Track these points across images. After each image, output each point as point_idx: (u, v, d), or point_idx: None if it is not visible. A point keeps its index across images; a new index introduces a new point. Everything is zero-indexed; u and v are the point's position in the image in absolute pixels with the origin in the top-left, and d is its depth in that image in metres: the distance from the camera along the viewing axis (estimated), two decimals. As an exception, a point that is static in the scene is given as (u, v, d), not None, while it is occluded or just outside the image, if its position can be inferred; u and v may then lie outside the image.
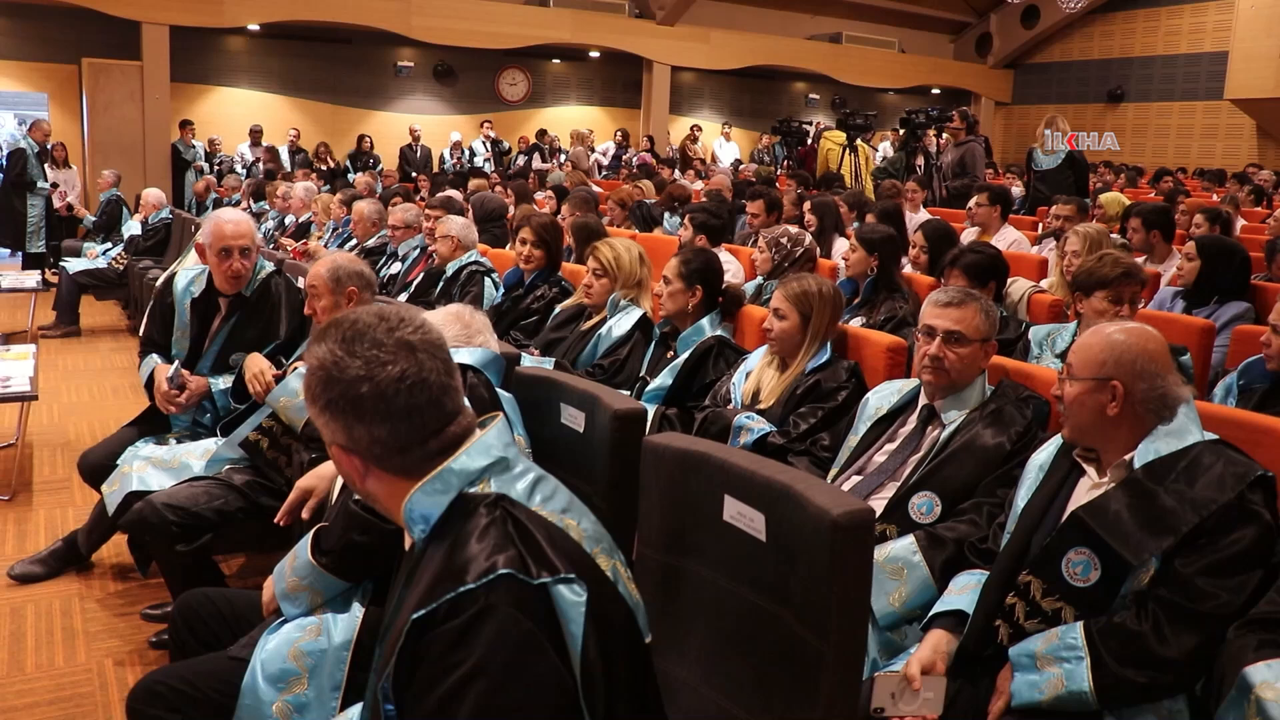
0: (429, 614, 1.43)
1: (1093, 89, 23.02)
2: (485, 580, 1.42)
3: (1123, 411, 2.31)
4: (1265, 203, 11.11)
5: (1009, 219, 7.44)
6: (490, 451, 1.60)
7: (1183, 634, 2.11)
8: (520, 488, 1.59)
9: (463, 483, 1.56)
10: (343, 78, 18.36)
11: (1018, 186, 13.02)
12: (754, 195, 7.34)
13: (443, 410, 1.57)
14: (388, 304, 1.64)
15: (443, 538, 1.54)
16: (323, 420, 1.57)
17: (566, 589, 1.47)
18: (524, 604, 1.43)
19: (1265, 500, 2.18)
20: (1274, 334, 3.36)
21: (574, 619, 1.46)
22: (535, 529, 1.51)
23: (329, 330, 1.57)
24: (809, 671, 1.79)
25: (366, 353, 1.52)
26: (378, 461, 1.57)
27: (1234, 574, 2.13)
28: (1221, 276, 4.90)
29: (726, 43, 20.00)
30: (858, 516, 1.72)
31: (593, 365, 4.22)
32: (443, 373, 1.57)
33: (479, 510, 1.53)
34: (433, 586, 1.46)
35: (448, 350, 1.61)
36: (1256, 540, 2.14)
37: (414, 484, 1.56)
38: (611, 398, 2.58)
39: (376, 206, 7.55)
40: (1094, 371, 2.33)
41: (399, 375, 1.52)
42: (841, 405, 3.32)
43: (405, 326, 1.57)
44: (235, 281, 4.01)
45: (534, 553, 1.48)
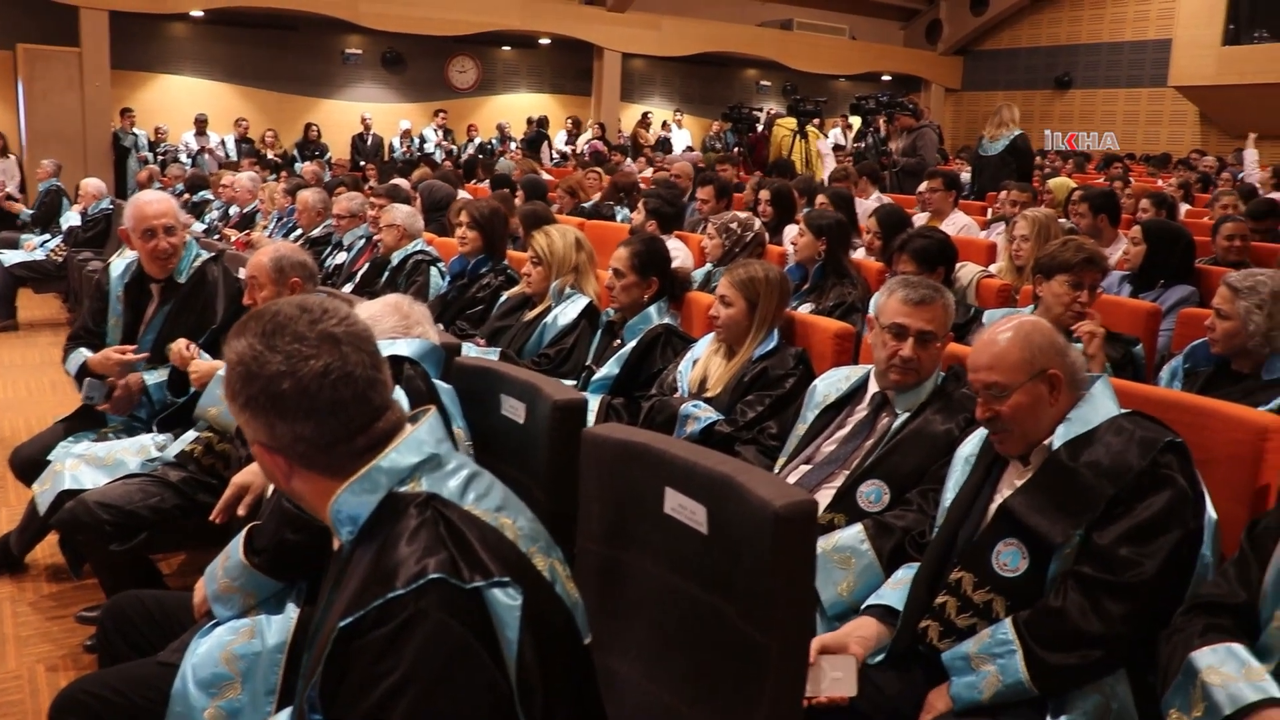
0: (356, 621, 1.37)
1: (1041, 75, 23.21)
2: (415, 585, 1.37)
3: (1060, 395, 2.32)
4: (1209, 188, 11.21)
5: (959, 204, 7.46)
6: (421, 448, 1.54)
7: (1107, 607, 2.11)
8: (453, 486, 1.53)
9: (392, 481, 1.50)
10: (289, 65, 18.13)
11: (967, 172, 13.09)
12: (705, 181, 7.30)
13: (370, 405, 1.51)
14: (312, 295, 1.57)
15: (371, 539, 1.48)
16: (244, 418, 1.50)
17: (501, 593, 1.41)
18: (456, 609, 1.37)
19: (1179, 465, 2.19)
20: (1218, 317, 3.38)
21: (509, 623, 1.41)
22: (468, 530, 1.45)
23: (249, 324, 1.50)
24: (752, 665, 1.76)
25: (288, 347, 1.46)
26: (302, 460, 1.51)
27: (1151, 539, 2.13)
28: (1166, 260, 4.93)
29: (677, 29, 19.94)
30: (800, 508, 1.69)
31: (538, 355, 4.17)
32: (369, 366, 1.51)
33: (409, 511, 1.47)
34: (360, 592, 1.40)
35: (374, 342, 1.55)
36: (1171, 505, 2.15)
37: (341, 483, 1.50)
38: (552, 388, 2.53)
39: (321, 195, 7.44)
40: (1027, 371, 2.32)
41: (322, 370, 1.46)
42: (789, 393, 3.28)
43: (329, 318, 1.50)
44: (164, 263, 3.89)
45: (466, 555, 1.42)
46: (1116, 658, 2.13)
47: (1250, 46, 18.66)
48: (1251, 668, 1.91)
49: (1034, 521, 2.23)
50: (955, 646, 2.25)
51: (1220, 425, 2.56)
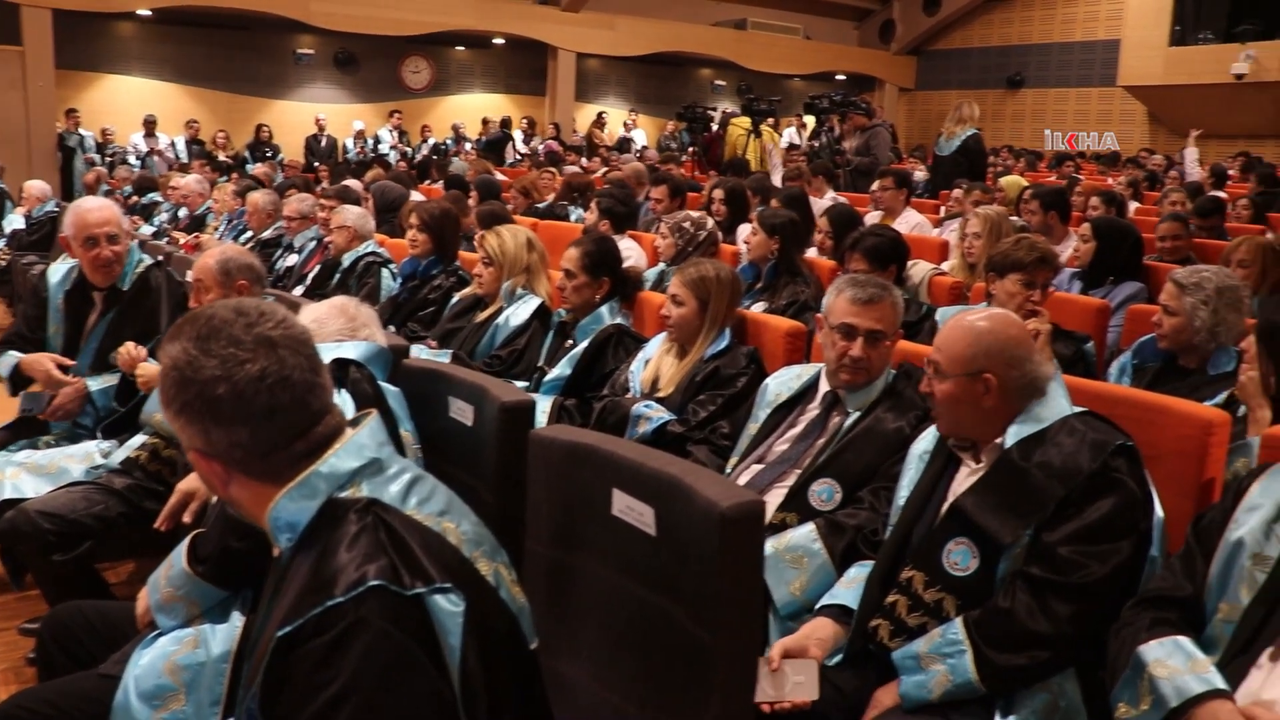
0: (295, 629, 1.34)
1: (993, 75, 23.40)
2: (355, 593, 1.34)
3: (997, 401, 2.31)
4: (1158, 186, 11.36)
5: (911, 202, 7.50)
6: (362, 452, 1.51)
7: (1054, 607, 2.12)
8: (394, 490, 1.50)
9: (331, 487, 1.47)
10: (241, 66, 17.96)
11: (920, 171, 13.18)
12: (658, 180, 7.29)
13: (308, 410, 1.48)
14: (249, 298, 1.54)
15: (311, 546, 1.45)
16: (179, 424, 1.46)
17: (443, 599, 1.39)
18: (397, 617, 1.35)
19: (1129, 469, 2.20)
20: (1165, 313, 3.41)
21: (451, 630, 1.39)
22: (409, 535, 1.43)
23: (183, 328, 1.47)
24: (701, 666, 1.75)
25: (223, 351, 1.42)
26: (240, 466, 1.47)
27: (1099, 542, 2.14)
28: (1116, 257, 4.98)
29: (632, 29, 19.93)
30: (747, 508, 1.68)
31: (490, 356, 4.14)
32: (307, 370, 1.48)
33: (349, 516, 1.44)
34: (299, 600, 1.37)
35: (313, 345, 1.52)
36: (1120, 508, 2.16)
37: (279, 489, 1.46)
38: (500, 390, 2.51)
39: (271, 197, 7.36)
40: (964, 367, 2.32)
41: (259, 374, 1.42)
42: (741, 392, 3.28)
43: (265, 321, 1.47)
44: (106, 272, 3.82)
45: (407, 561, 1.40)
46: (1065, 658, 2.14)
47: (1196, 47, 18.94)
48: (1197, 660, 1.92)
49: (984, 521, 2.23)
50: (906, 645, 2.25)
51: (1167, 421, 2.58)
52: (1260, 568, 1.95)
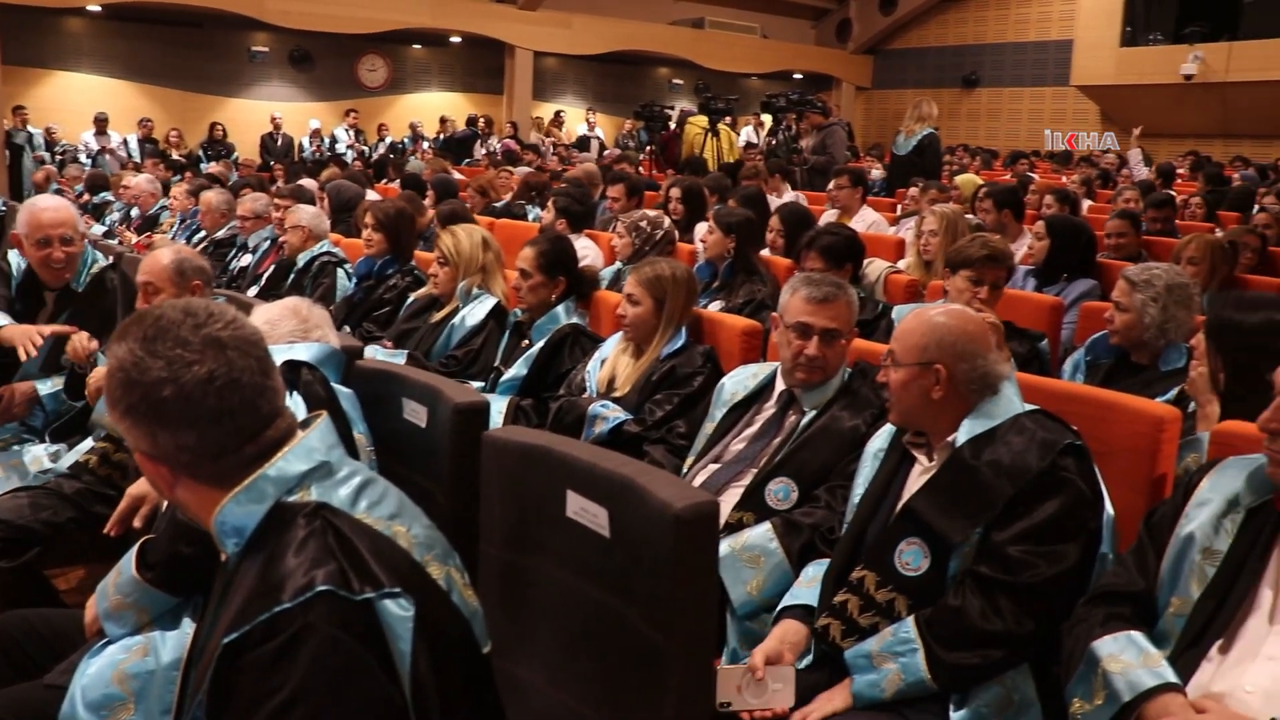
0: (242, 636, 1.32)
1: (949, 74, 23.59)
2: (302, 599, 1.32)
3: (947, 394, 2.33)
4: (1110, 184, 11.49)
5: (867, 201, 7.53)
6: (311, 455, 1.49)
7: (1004, 606, 2.13)
8: (344, 494, 1.48)
9: (279, 491, 1.45)
10: (194, 63, 17.71)
11: (878, 169, 13.25)
12: (615, 179, 7.28)
13: (258, 413, 1.45)
14: (198, 298, 1.51)
15: (258, 551, 1.42)
16: (124, 426, 1.44)
17: (392, 604, 1.38)
18: (345, 622, 1.33)
19: (1078, 467, 2.22)
20: (1116, 310, 3.44)
21: (401, 635, 1.38)
22: (358, 540, 1.41)
23: (130, 328, 1.44)
24: (656, 669, 1.74)
25: (169, 352, 1.39)
26: (187, 470, 1.45)
27: (1048, 542, 2.16)
28: (1069, 255, 5.03)
29: (589, 28, 19.89)
30: (700, 509, 1.67)
31: (446, 356, 4.11)
32: (257, 372, 1.45)
33: (297, 521, 1.42)
34: (246, 606, 1.35)
35: (264, 347, 1.49)
36: (1068, 507, 2.18)
37: (226, 493, 1.44)
38: (453, 391, 2.48)
39: (225, 197, 7.27)
40: (916, 356, 2.34)
41: (206, 376, 1.40)
42: (697, 391, 3.28)
43: (214, 322, 1.44)
44: (58, 272, 3.75)
45: (356, 566, 1.38)
46: (1015, 656, 2.15)
47: (1146, 48, 19.21)
48: (1149, 654, 1.94)
49: (935, 521, 2.24)
50: (858, 645, 2.26)
51: (1119, 417, 2.61)
52: (1210, 562, 1.98)
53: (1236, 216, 8.18)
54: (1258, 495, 1.97)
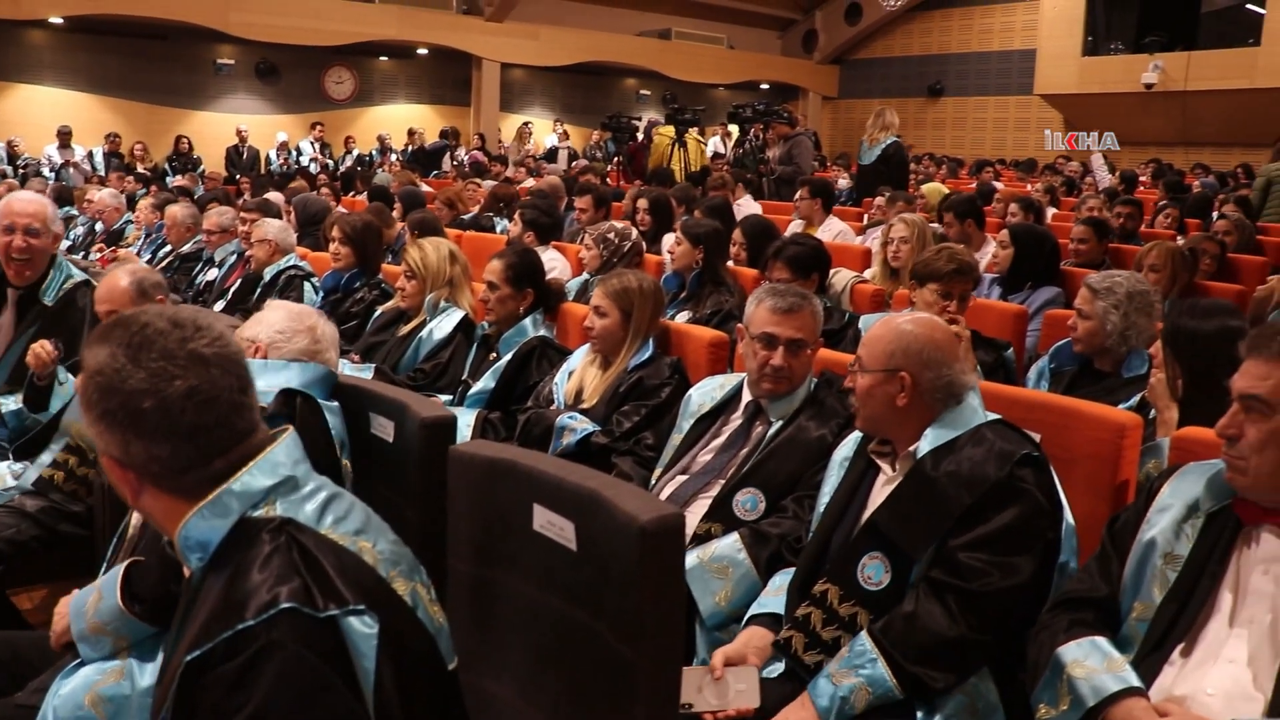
0: (205, 654, 1.31)
1: (914, 84, 23.78)
2: (266, 616, 1.32)
3: (911, 401, 2.33)
4: (1075, 192, 11.60)
5: (833, 210, 7.57)
6: (277, 470, 1.48)
7: (956, 613, 2.14)
8: (309, 509, 1.47)
9: (244, 506, 1.44)
10: (159, 76, 17.61)
11: (845, 179, 13.33)
12: (582, 190, 7.28)
13: (233, 430, 1.45)
14: (183, 308, 1.50)
15: (222, 567, 1.41)
16: (96, 430, 1.42)
17: (357, 621, 1.37)
18: (309, 640, 1.33)
19: (1036, 479, 2.23)
20: (1079, 318, 3.47)
21: (365, 653, 1.37)
22: (323, 556, 1.40)
23: (114, 331, 1.42)
24: (624, 682, 1.73)
25: (154, 364, 1.39)
26: (155, 480, 1.44)
27: (1002, 552, 2.17)
28: (1034, 263, 5.07)
29: (556, 39, 19.93)
30: (667, 522, 1.67)
31: (414, 370, 4.10)
32: (236, 390, 1.44)
33: (261, 536, 1.41)
34: (209, 623, 1.34)
35: (245, 364, 1.48)
36: (1024, 517, 2.19)
37: (192, 506, 1.43)
38: (420, 405, 2.47)
39: (191, 210, 7.22)
40: (882, 363, 2.35)
41: (187, 392, 1.39)
42: (665, 402, 3.28)
43: (201, 337, 1.43)
44: (19, 268, 3.65)
45: (320, 582, 1.37)
46: (972, 661, 2.17)
47: (1107, 57, 19.49)
48: (1113, 659, 1.96)
49: (897, 536, 2.25)
50: (820, 664, 2.25)
51: (1082, 424, 2.63)
52: (1171, 567, 2.00)
53: (1197, 223, 8.28)
54: (1217, 500, 1.99)
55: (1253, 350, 1.90)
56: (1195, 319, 2.84)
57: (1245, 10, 18.07)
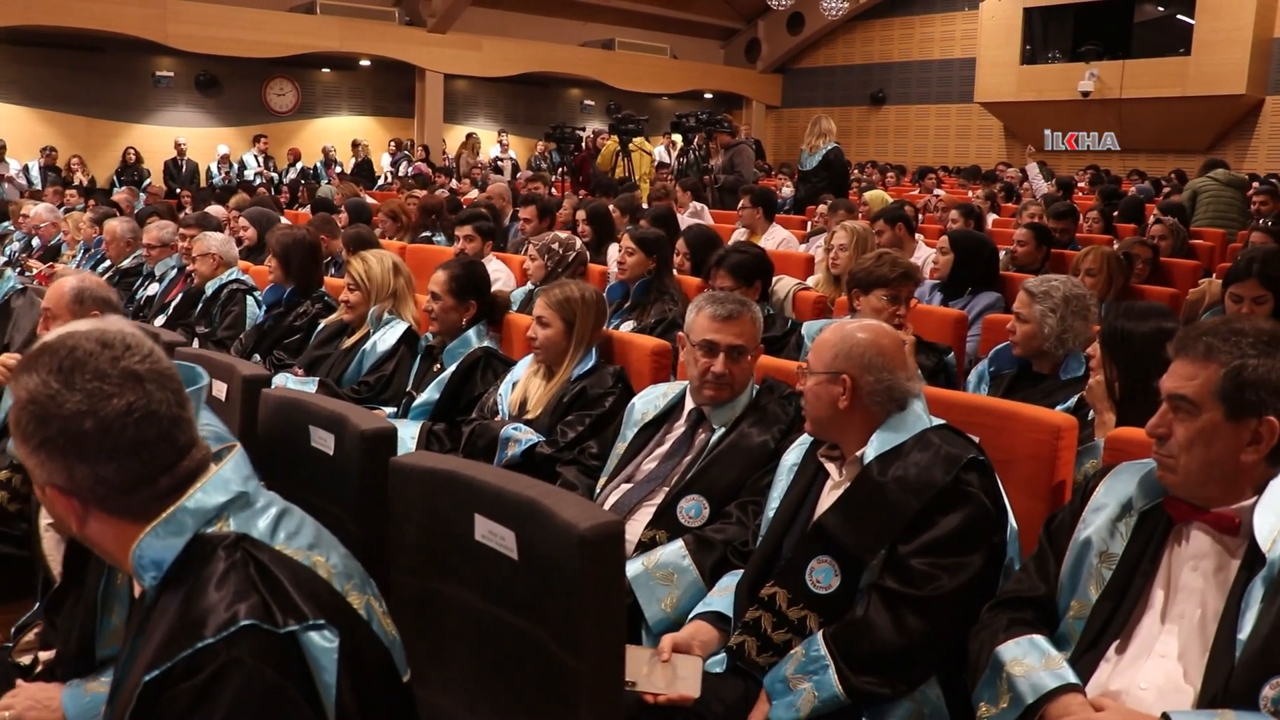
0: (163, 673, 1.30)
1: (857, 92, 24.02)
2: (225, 634, 1.30)
3: (853, 403, 2.36)
4: (1014, 199, 11.75)
5: (776, 218, 7.61)
6: (229, 486, 1.47)
7: (907, 620, 2.17)
8: (262, 525, 1.46)
9: (198, 523, 1.43)
10: (97, 88, 17.34)
11: (789, 187, 13.41)
12: (527, 200, 7.28)
13: (175, 445, 1.43)
14: (111, 327, 1.47)
15: (178, 585, 1.40)
16: (36, 460, 1.39)
17: (317, 635, 1.37)
18: (270, 656, 1.32)
19: (980, 482, 2.27)
20: (1017, 321, 3.52)
21: (326, 667, 1.36)
22: (280, 571, 1.40)
23: (40, 358, 1.39)
24: (568, 689, 1.74)
25: (88, 385, 1.36)
26: (101, 504, 1.41)
27: (950, 555, 2.20)
28: (973, 268, 5.13)
29: (499, 50, 19.91)
30: (605, 529, 1.68)
31: (358, 383, 4.07)
32: (174, 404, 1.42)
33: (217, 553, 1.40)
34: (166, 642, 1.33)
35: (179, 379, 1.46)
36: (970, 520, 2.23)
37: (143, 527, 1.41)
38: (360, 418, 2.46)
39: (131, 225, 7.13)
40: (827, 365, 2.39)
41: (125, 409, 1.37)
42: (609, 411, 3.29)
43: (131, 355, 1.41)
44: None
45: (279, 598, 1.36)
46: (922, 667, 2.20)
47: (1045, 66, 19.86)
48: (1051, 657, 1.99)
49: (845, 540, 2.28)
50: (774, 668, 2.28)
51: (1019, 426, 2.67)
52: (1106, 565, 2.03)
53: (1133, 228, 8.43)
54: (1149, 498, 2.03)
55: (1180, 351, 1.94)
56: (1131, 321, 2.89)
57: (1176, 21, 18.48)
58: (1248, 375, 1.84)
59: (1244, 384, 1.84)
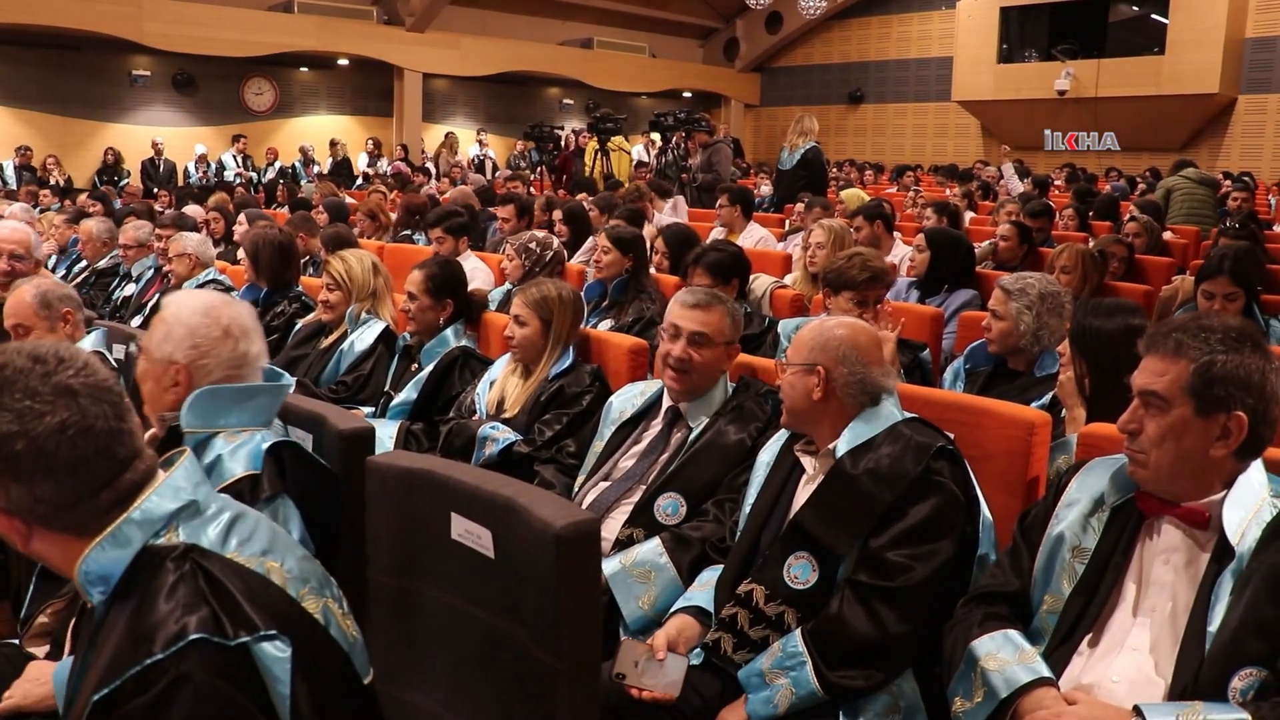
0: (113, 692, 1.28)
1: (835, 91, 24.09)
2: (175, 648, 1.29)
3: (826, 395, 2.39)
4: (992, 197, 11.80)
5: (754, 216, 7.63)
6: (179, 495, 1.45)
7: (882, 613, 2.19)
8: (213, 533, 1.45)
9: (146, 534, 1.41)
10: (73, 87, 17.20)
11: (767, 185, 13.43)
12: (505, 200, 7.27)
13: (114, 459, 1.40)
14: (44, 342, 1.45)
15: (127, 599, 1.38)
16: None
17: (269, 646, 1.36)
18: (221, 669, 1.31)
19: (950, 471, 2.29)
20: (993, 318, 3.54)
21: (280, 678, 1.36)
22: (230, 581, 1.38)
23: None
24: (545, 688, 1.75)
25: (18, 404, 1.33)
26: (42, 522, 1.39)
27: (921, 544, 2.22)
28: (949, 266, 5.15)
29: (478, 49, 19.87)
30: (581, 527, 1.68)
31: (336, 383, 4.06)
32: (111, 417, 1.39)
33: (166, 565, 1.38)
34: (116, 658, 1.32)
35: (119, 391, 1.43)
36: (940, 508, 2.25)
37: (88, 542, 1.39)
38: (337, 417, 2.45)
39: (107, 225, 7.09)
40: (803, 358, 2.42)
41: (59, 426, 1.34)
42: (586, 410, 3.30)
43: (65, 369, 1.38)
44: None
45: (229, 610, 1.35)
46: (899, 660, 2.21)
47: (1021, 65, 19.97)
48: (1025, 651, 2.01)
49: (821, 535, 2.29)
50: (750, 662, 2.29)
51: (994, 423, 2.69)
52: (1079, 559, 2.05)
53: (1109, 225, 8.49)
54: (1121, 493, 2.05)
55: (1150, 348, 1.97)
56: (1099, 318, 2.92)
57: (1150, 20, 18.62)
58: (1216, 371, 1.87)
59: (1213, 379, 1.87)
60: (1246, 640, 1.79)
